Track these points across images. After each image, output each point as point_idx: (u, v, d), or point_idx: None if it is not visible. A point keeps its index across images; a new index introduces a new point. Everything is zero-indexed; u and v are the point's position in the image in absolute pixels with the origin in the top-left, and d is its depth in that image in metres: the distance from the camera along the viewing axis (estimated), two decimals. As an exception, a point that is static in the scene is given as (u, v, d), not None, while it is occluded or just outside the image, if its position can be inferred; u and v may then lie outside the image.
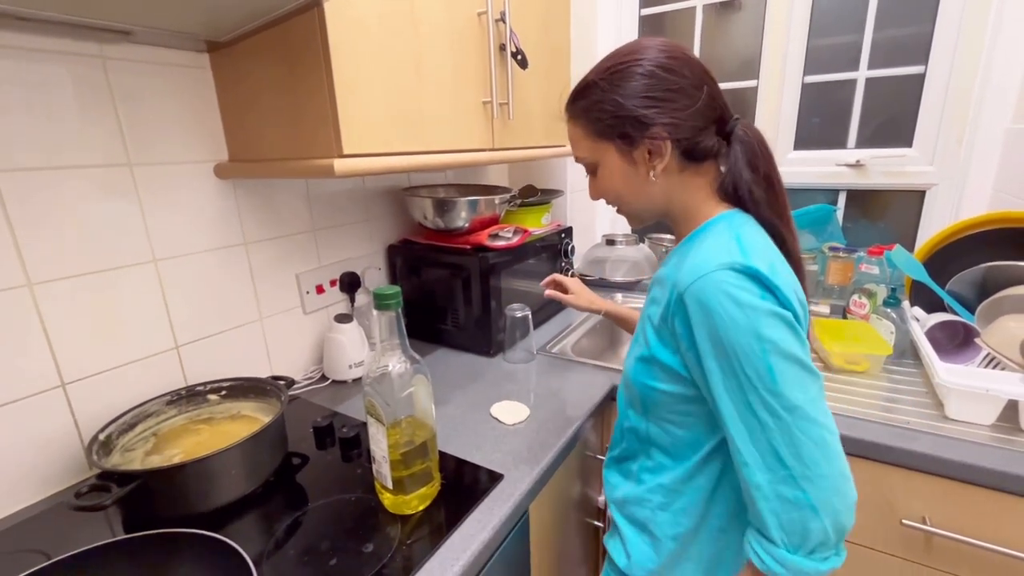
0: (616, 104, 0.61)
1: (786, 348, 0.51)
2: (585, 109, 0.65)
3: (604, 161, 0.65)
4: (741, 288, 0.52)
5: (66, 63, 0.73)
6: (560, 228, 1.48)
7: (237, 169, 0.91)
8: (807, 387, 0.52)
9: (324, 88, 0.73)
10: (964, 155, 1.35)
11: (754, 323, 0.51)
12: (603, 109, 0.62)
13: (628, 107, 0.60)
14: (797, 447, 0.51)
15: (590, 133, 0.65)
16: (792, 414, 0.51)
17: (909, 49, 1.38)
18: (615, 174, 0.65)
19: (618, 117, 0.61)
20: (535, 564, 0.83)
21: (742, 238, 0.57)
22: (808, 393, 0.52)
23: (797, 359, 0.52)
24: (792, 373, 0.51)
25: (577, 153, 0.69)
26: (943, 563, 0.84)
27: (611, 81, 0.62)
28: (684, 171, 0.63)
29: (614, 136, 0.63)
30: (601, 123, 0.63)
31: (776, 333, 0.51)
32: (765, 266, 0.53)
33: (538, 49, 1.16)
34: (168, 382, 0.89)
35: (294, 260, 1.09)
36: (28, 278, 0.72)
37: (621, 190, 0.67)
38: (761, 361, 0.51)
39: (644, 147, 0.61)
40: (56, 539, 0.67)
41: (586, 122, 0.65)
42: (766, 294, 0.52)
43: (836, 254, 1.38)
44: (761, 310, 0.51)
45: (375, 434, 0.67)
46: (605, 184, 0.67)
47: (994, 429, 0.84)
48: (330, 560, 0.62)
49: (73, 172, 0.75)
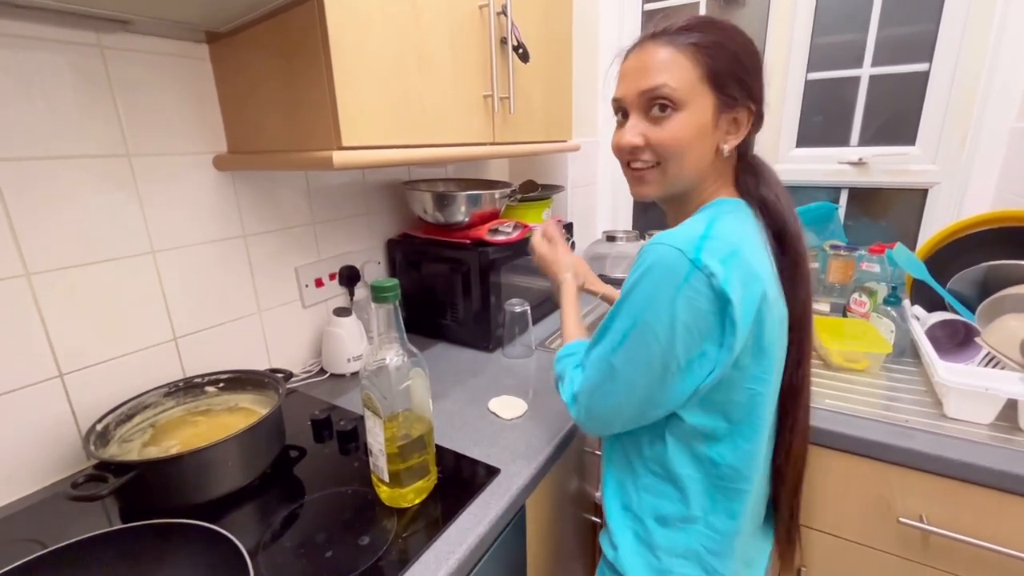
0: (736, 58, 0.59)
1: (648, 338, 0.56)
2: (702, 46, 0.59)
3: (695, 107, 0.60)
4: (669, 271, 0.54)
5: (64, 52, 0.72)
6: (561, 224, 1.47)
7: (236, 161, 0.91)
8: (634, 367, 0.58)
9: (323, 79, 0.72)
10: (967, 154, 1.34)
11: (646, 306, 0.56)
12: (724, 56, 0.59)
13: (748, 68, 0.60)
14: (591, 386, 0.64)
15: (699, 71, 0.59)
16: (607, 366, 0.61)
17: (913, 47, 1.37)
18: (697, 125, 0.60)
19: (734, 73, 0.59)
20: (531, 559, 0.83)
21: (714, 224, 0.57)
22: (632, 372, 0.59)
23: (645, 351, 0.57)
24: (632, 354, 0.58)
25: (669, 81, 0.59)
26: (940, 562, 0.84)
27: (737, 39, 0.60)
28: (727, 160, 0.65)
29: (720, 89, 0.59)
30: (717, 68, 0.59)
31: (653, 321, 0.55)
32: (719, 254, 0.54)
33: (540, 43, 1.15)
34: (166, 374, 0.89)
35: (293, 253, 1.09)
36: (26, 268, 0.72)
37: (690, 144, 0.61)
38: (624, 329, 0.58)
39: (732, 115, 0.61)
40: (52, 529, 0.67)
41: (701, 57, 0.59)
42: (696, 282, 0.53)
43: (837, 252, 1.38)
44: (663, 299, 0.54)
45: (372, 427, 0.67)
46: (679, 131, 0.60)
47: (993, 428, 0.83)
48: (326, 552, 0.62)
49: (71, 162, 0.75)
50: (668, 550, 0.66)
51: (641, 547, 0.68)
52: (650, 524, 0.67)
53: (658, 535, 0.67)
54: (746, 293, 0.55)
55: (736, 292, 0.53)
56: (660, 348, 0.56)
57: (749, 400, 0.60)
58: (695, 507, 0.64)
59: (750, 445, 0.63)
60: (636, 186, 0.68)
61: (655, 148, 0.63)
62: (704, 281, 0.53)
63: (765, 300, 0.57)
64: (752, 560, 0.71)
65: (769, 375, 0.61)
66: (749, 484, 0.64)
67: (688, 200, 0.67)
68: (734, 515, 0.64)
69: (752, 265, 0.56)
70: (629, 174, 0.68)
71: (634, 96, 0.63)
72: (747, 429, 0.62)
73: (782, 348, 0.63)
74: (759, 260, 0.58)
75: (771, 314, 0.58)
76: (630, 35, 1.74)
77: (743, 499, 0.64)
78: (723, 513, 0.64)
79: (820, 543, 0.94)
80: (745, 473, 0.63)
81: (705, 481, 0.64)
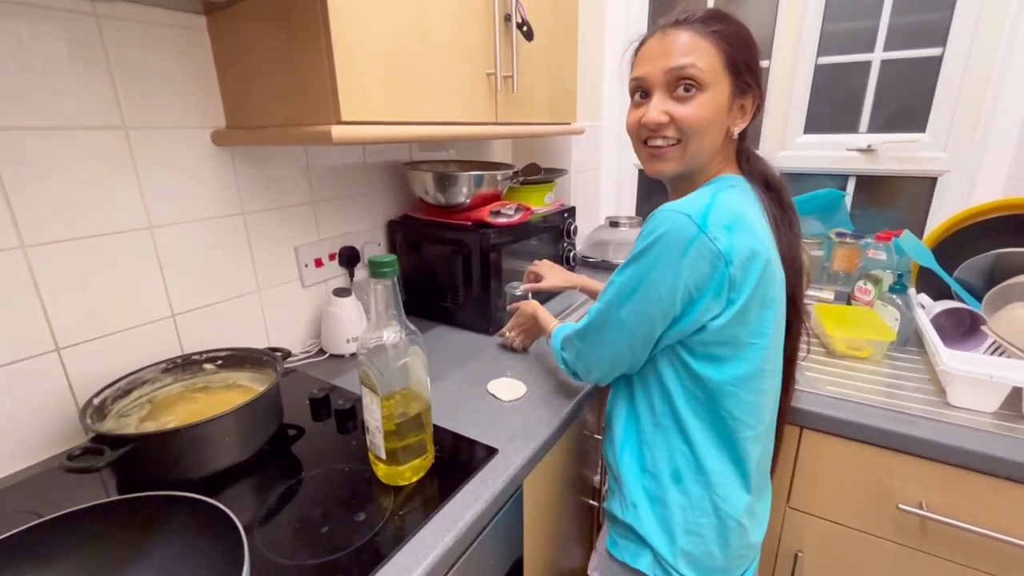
0: (748, 51, 0.66)
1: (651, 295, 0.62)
2: (725, 36, 0.65)
3: (716, 89, 0.65)
4: (676, 234, 0.59)
5: (58, 20, 0.71)
6: (563, 208, 1.46)
7: (235, 136, 0.90)
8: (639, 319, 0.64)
9: (323, 52, 0.71)
10: (979, 142, 1.32)
11: (654, 264, 0.61)
12: (740, 48, 0.65)
13: (752, 62, 0.66)
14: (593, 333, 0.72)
15: (722, 58, 0.64)
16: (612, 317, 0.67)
17: (926, 33, 1.34)
18: (718, 106, 0.65)
19: (747, 63, 0.65)
20: (528, 538, 0.83)
21: (717, 196, 0.62)
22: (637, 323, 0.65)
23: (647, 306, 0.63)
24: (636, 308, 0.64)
25: (697, 62, 0.63)
26: (939, 549, 0.83)
27: (743, 30, 0.66)
28: (730, 143, 0.71)
29: (736, 75, 0.65)
30: (736, 57, 0.65)
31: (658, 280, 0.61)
32: (723, 221, 0.59)
33: (545, 22, 1.13)
34: (164, 350, 0.88)
35: (293, 232, 1.08)
36: (21, 240, 0.71)
37: (711, 124, 0.66)
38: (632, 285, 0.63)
39: (742, 102, 0.67)
40: (49, 501, 0.67)
41: (725, 46, 0.64)
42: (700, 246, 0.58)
43: (843, 240, 1.36)
44: (668, 261, 0.60)
45: (369, 404, 0.66)
46: (703, 110, 0.65)
47: (997, 416, 0.83)
48: (322, 528, 0.62)
49: (66, 134, 0.73)
50: (681, 504, 0.69)
51: (655, 505, 0.71)
52: (665, 481, 0.70)
53: (672, 491, 0.70)
54: (749, 256, 0.60)
55: (738, 255, 0.59)
56: (662, 305, 0.62)
57: (754, 354, 0.65)
58: (705, 458, 0.68)
59: (754, 398, 0.66)
60: (654, 163, 0.71)
61: (679, 125, 0.66)
62: (708, 245, 0.58)
63: (768, 264, 0.62)
64: (757, 511, 0.73)
65: (770, 329, 0.66)
66: (753, 431, 0.67)
67: (694, 179, 0.72)
68: (739, 460, 0.68)
69: (754, 230, 0.62)
70: (645, 152, 0.71)
71: (659, 75, 0.66)
72: (754, 384, 0.66)
73: (782, 309, 0.68)
74: (760, 227, 0.64)
75: (773, 276, 0.64)
76: (638, 18, 1.72)
77: (746, 445, 0.67)
78: (730, 460, 0.68)
79: (818, 529, 0.94)
80: (750, 422, 0.67)
81: (713, 434, 0.68)
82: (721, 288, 0.60)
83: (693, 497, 0.69)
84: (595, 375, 0.76)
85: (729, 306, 0.61)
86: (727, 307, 0.61)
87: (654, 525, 0.71)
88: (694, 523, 0.69)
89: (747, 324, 0.63)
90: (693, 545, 0.69)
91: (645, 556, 0.71)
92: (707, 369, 0.65)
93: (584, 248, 1.73)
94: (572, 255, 1.51)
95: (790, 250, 0.69)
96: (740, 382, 0.65)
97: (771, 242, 0.65)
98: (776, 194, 0.70)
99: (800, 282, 0.71)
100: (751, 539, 0.71)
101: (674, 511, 0.69)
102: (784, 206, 0.70)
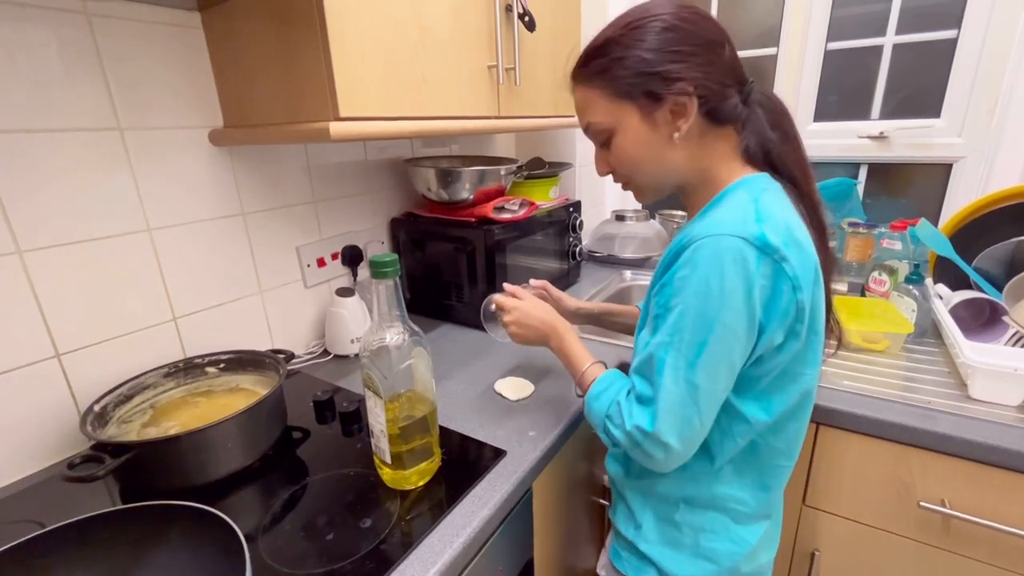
0: (639, 59, 0.57)
1: (729, 339, 0.52)
2: (603, 68, 0.60)
3: (623, 126, 0.61)
4: (739, 262, 0.51)
5: (49, 20, 0.69)
6: (568, 202, 1.43)
7: (232, 136, 0.88)
8: (718, 378, 0.54)
9: (319, 47, 0.69)
10: (995, 126, 1.28)
11: (723, 303, 0.51)
12: (624, 66, 0.58)
13: (652, 61, 0.57)
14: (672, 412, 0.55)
15: (609, 95, 0.60)
16: (688, 387, 0.54)
17: (940, 15, 1.30)
18: (635, 139, 0.61)
19: (642, 74, 0.57)
20: (538, 541, 0.82)
21: (760, 203, 0.55)
22: (714, 384, 0.54)
23: (730, 354, 0.53)
24: (715, 361, 0.53)
25: (591, 119, 0.63)
26: (962, 547, 0.81)
27: (632, 36, 0.58)
28: (705, 135, 0.60)
29: (637, 95, 0.59)
30: (622, 82, 0.59)
31: (733, 322, 0.52)
32: (780, 237, 0.52)
33: (546, 12, 1.10)
34: (166, 354, 0.87)
35: (294, 232, 1.07)
36: (17, 245, 0.70)
37: (640, 157, 0.62)
38: (701, 336, 0.52)
39: (667, 106, 0.58)
40: (52, 510, 0.66)
41: (604, 83, 0.60)
42: (765, 269, 0.52)
43: (856, 230, 1.33)
44: (739, 294, 0.51)
45: (373, 408, 0.65)
46: (622, 152, 0.63)
47: (1021, 410, 0.80)
48: (327, 535, 0.60)
49: (61, 136, 0.72)
50: (694, 526, 0.65)
51: (663, 524, 0.67)
52: (676, 503, 0.65)
53: (684, 511, 0.65)
54: (805, 275, 0.54)
55: (805, 278, 0.53)
56: (741, 346, 0.54)
57: (806, 385, 0.59)
58: (731, 487, 0.63)
59: (796, 425, 0.62)
60: (635, 198, 0.70)
61: (617, 169, 0.66)
62: (775, 267, 0.52)
63: (818, 279, 0.56)
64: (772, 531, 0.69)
65: (819, 354, 0.60)
66: (790, 461, 0.63)
67: (697, 189, 0.65)
68: (767, 488, 0.63)
69: (803, 242, 0.55)
70: None
71: (584, 134, 0.68)
72: (800, 412, 0.61)
73: (823, 326, 0.61)
74: (805, 236, 0.57)
75: (821, 292, 0.58)
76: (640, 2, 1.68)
77: (780, 474, 0.64)
78: (755, 487, 0.63)
79: (836, 527, 0.92)
80: (787, 451, 0.63)
81: (740, 460, 0.62)
82: (787, 315, 0.53)
83: (707, 521, 0.64)
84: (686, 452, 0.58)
85: (792, 337, 0.55)
86: (790, 338, 0.55)
87: (660, 545, 0.67)
88: (707, 548, 0.64)
89: (804, 351, 0.57)
90: (702, 570, 0.65)
91: (649, 574, 0.68)
92: (754, 409, 0.58)
93: (590, 243, 1.71)
94: (578, 250, 1.49)
95: (826, 258, 0.61)
96: (786, 414, 0.59)
97: (815, 250, 0.58)
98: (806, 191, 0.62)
99: (831, 291, 0.64)
100: (763, 560, 0.67)
101: (684, 532, 0.65)
102: (815, 204, 0.62)
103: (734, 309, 0.51)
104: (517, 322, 0.79)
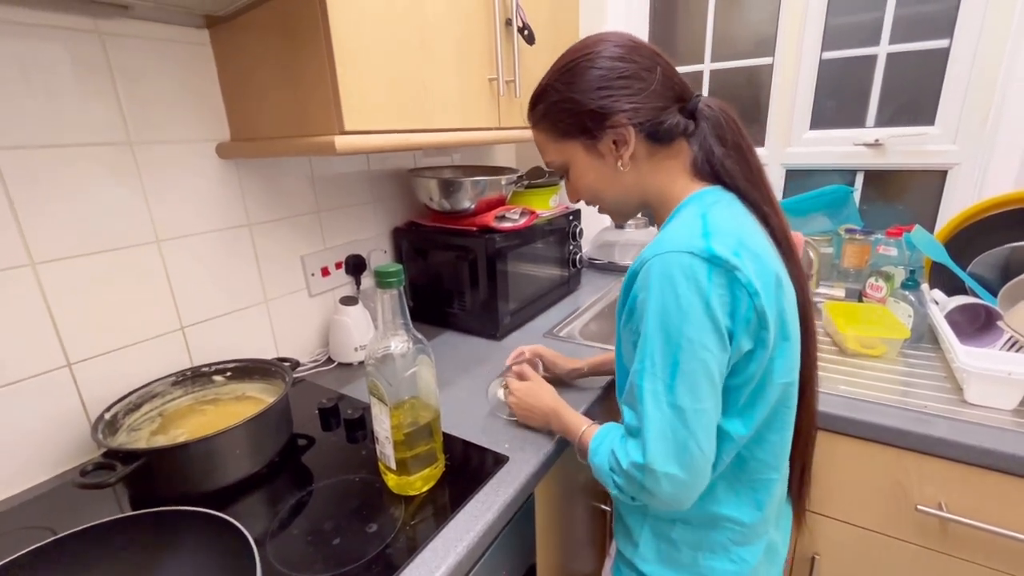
0: (572, 101, 0.61)
1: (700, 353, 0.52)
2: (544, 113, 0.65)
3: (573, 161, 0.66)
4: (690, 277, 0.52)
5: (62, 39, 0.71)
6: (568, 210, 1.45)
7: (239, 148, 0.90)
8: (701, 396, 0.53)
9: (324, 63, 0.71)
10: (989, 133, 1.30)
11: (683, 318, 0.52)
12: (561, 109, 0.63)
13: (584, 101, 0.60)
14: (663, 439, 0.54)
15: (554, 136, 0.66)
16: (673, 411, 0.53)
17: (933, 24, 1.32)
18: (586, 171, 0.66)
19: (577, 114, 0.62)
20: (540, 546, 0.83)
21: (708, 217, 0.56)
22: (699, 403, 0.53)
23: (706, 368, 0.53)
24: (692, 378, 0.52)
25: (547, 158, 0.69)
26: (959, 550, 0.82)
27: (564, 80, 0.62)
28: (654, 155, 0.63)
29: (577, 133, 0.63)
30: (562, 123, 0.64)
31: (698, 335, 0.52)
32: (729, 247, 0.53)
33: (545, 25, 1.13)
34: (174, 363, 0.89)
35: (298, 242, 1.08)
36: (31, 257, 0.71)
37: (595, 186, 0.67)
38: (671, 356, 0.53)
39: (608, 138, 0.61)
40: (63, 517, 0.67)
41: (548, 125, 0.66)
42: (719, 279, 0.52)
43: (852, 236, 1.35)
44: (697, 306, 0.51)
45: (378, 415, 0.66)
46: (579, 183, 0.68)
47: (1016, 414, 0.81)
48: (333, 540, 0.61)
49: (73, 151, 0.74)
50: (692, 544, 0.65)
51: (661, 542, 0.67)
52: (676, 524, 0.65)
53: (681, 530, 0.65)
54: (763, 281, 0.54)
55: (757, 281, 0.53)
56: (715, 358, 0.53)
57: (782, 393, 0.59)
58: (722, 505, 0.63)
59: (778, 436, 0.62)
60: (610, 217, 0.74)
61: (585, 199, 0.70)
62: (728, 276, 0.52)
63: (780, 285, 0.56)
64: (775, 544, 0.69)
65: (796, 363, 0.61)
66: (777, 473, 0.63)
67: (657, 208, 0.67)
68: (761, 505, 0.63)
69: (758, 251, 0.55)
70: None
71: None
72: (778, 422, 0.61)
73: (797, 332, 0.61)
74: (761, 244, 0.57)
75: (788, 298, 0.58)
76: (638, 19, 1.71)
77: (771, 488, 0.63)
78: (750, 505, 0.63)
79: (835, 531, 0.92)
80: (774, 463, 0.62)
81: (731, 477, 0.62)
82: (749, 322, 0.53)
83: (705, 540, 0.64)
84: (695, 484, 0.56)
85: (760, 346, 0.54)
86: (758, 346, 0.54)
87: (658, 564, 0.67)
88: (706, 568, 0.64)
89: (775, 360, 0.56)
90: None
91: None
92: (733, 424, 0.58)
93: (590, 250, 1.72)
94: (578, 257, 1.50)
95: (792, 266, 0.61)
96: (764, 424, 0.60)
97: (776, 257, 0.59)
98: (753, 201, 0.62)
99: (808, 296, 0.63)
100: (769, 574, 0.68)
101: (682, 551, 0.65)
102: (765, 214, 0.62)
103: (696, 322, 0.51)
104: (518, 405, 0.82)
